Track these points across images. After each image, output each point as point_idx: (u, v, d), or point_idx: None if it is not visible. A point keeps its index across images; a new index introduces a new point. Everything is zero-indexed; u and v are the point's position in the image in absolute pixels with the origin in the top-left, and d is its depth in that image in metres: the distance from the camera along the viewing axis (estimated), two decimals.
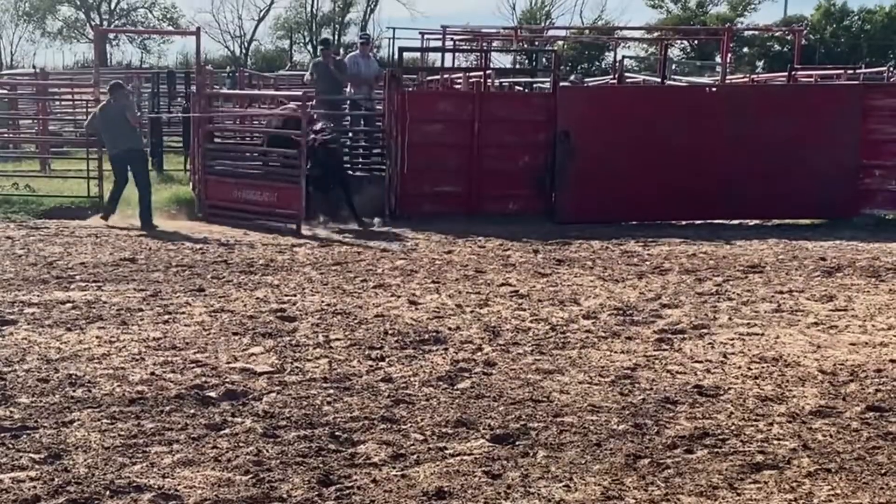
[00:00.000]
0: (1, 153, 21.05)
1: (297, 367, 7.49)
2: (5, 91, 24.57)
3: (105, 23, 59.58)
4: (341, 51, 50.66)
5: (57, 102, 24.83)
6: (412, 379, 7.25)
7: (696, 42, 52.69)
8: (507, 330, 8.77)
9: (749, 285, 10.94)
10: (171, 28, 60.94)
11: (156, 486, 5.25)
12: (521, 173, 15.94)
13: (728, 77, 24.74)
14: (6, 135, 22.70)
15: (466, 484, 5.34)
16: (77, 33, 62.31)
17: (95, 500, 5.10)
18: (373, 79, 18.21)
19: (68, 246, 13.03)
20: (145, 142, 18.04)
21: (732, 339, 8.53)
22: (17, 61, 59.06)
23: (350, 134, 18.21)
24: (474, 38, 28.93)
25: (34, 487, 5.20)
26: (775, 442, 6.03)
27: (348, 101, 18.48)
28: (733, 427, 6.29)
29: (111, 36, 59.12)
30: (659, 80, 22.14)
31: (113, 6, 62.33)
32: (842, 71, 25.28)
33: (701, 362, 7.80)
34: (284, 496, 5.18)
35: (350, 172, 16.44)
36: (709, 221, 15.82)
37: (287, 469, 5.50)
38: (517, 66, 31.85)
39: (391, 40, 31.62)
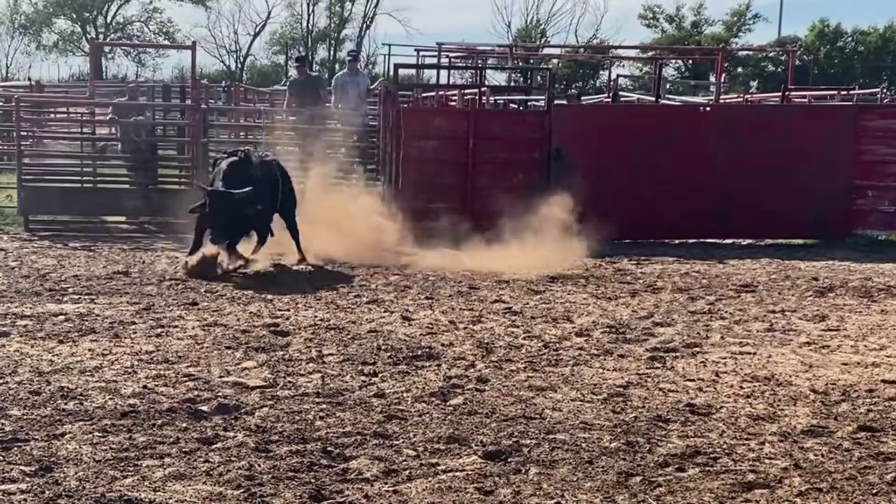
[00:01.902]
0: None
1: (289, 382, 7.49)
2: (0, 103, 24.57)
3: (101, 36, 59.61)
4: (336, 66, 50.75)
5: (52, 115, 24.82)
6: (405, 395, 7.25)
7: (690, 62, 52.86)
8: (500, 346, 8.78)
9: (741, 304, 10.96)
10: (167, 42, 61.02)
11: (147, 500, 5.24)
12: (516, 190, 15.92)
13: (722, 97, 24.83)
14: (1, 146, 22.69)
15: (458, 500, 5.34)
16: (73, 46, 62.31)
17: None
18: (361, 97, 18.21)
19: (61, 258, 13.03)
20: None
21: (725, 358, 8.53)
22: (13, 74, 59.07)
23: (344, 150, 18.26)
24: (469, 55, 29.02)
25: (25, 500, 5.19)
26: (767, 461, 6.04)
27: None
28: (725, 446, 6.30)
29: (107, 49, 59.13)
30: (653, 99, 22.21)
31: (109, 20, 62.41)
32: (835, 92, 25.39)
33: (693, 381, 7.80)
34: None
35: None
36: (702, 240, 15.86)
37: (279, 484, 5.50)
38: (512, 84, 31.91)
39: (387, 56, 31.65)
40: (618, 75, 32.08)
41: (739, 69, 55.59)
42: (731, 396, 7.40)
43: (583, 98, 28.12)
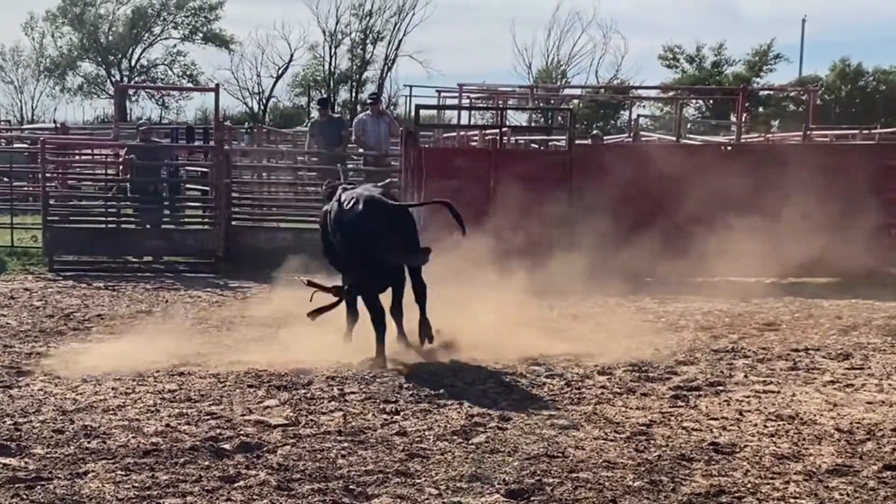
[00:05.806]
0: (21, 206, 21.27)
1: (311, 420, 7.49)
2: (26, 145, 24.85)
3: (125, 79, 60.26)
4: (358, 108, 51.00)
5: (77, 157, 25.06)
6: (427, 433, 7.23)
7: (711, 101, 52.89)
8: (523, 385, 8.75)
9: (765, 343, 10.90)
10: (190, 84, 61.59)
11: None
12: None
13: (743, 136, 24.82)
14: (26, 188, 22.92)
15: None
16: (98, 89, 62.98)
17: None
18: (382, 142, 18.26)
19: (85, 298, 13.12)
20: None
21: (748, 397, 8.48)
22: (38, 116, 59.65)
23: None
24: (490, 96, 29.18)
25: None
26: (792, 500, 5.99)
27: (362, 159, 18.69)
28: (749, 485, 6.25)
29: (131, 92, 59.73)
30: (674, 138, 22.23)
31: (133, 63, 63.06)
32: (857, 131, 25.35)
33: (717, 419, 7.76)
34: None
35: None
36: (724, 279, 15.79)
37: None
38: (533, 124, 32.03)
39: (408, 98, 31.84)
40: (638, 115, 32.10)
41: (761, 108, 55.55)
42: (756, 435, 7.35)
43: (604, 138, 28.17)
